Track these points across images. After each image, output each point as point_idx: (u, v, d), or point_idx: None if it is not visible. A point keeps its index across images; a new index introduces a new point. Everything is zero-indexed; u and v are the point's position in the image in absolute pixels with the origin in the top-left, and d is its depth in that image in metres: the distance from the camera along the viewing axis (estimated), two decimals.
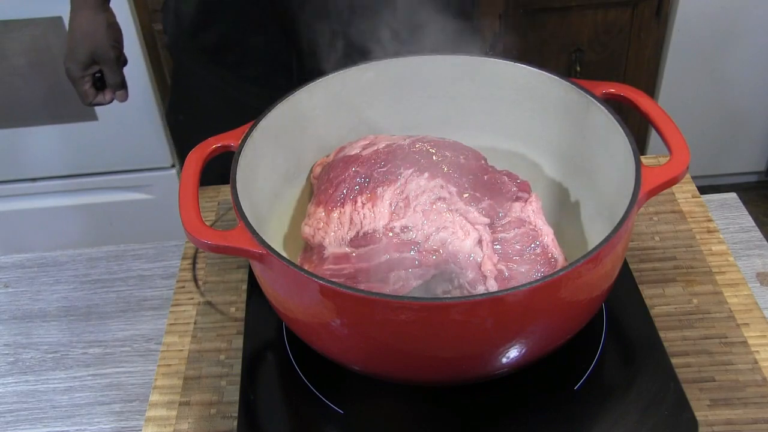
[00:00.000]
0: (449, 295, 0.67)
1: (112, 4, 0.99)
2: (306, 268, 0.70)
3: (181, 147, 1.21)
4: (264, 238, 0.60)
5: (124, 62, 1.01)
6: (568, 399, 0.68)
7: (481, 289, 0.65)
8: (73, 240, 1.95)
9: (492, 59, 0.78)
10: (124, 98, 1.01)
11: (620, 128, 0.68)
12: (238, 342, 0.78)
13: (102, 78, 0.99)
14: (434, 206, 0.67)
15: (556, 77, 0.75)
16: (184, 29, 1.04)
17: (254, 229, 0.60)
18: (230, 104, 1.06)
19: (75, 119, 1.78)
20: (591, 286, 0.61)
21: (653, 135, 1.95)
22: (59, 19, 1.62)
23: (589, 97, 0.72)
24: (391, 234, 0.66)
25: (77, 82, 0.99)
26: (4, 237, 1.97)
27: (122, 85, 1.00)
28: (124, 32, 1.00)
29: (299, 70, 1.01)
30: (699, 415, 0.67)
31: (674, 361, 0.72)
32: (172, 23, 1.06)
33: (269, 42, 0.99)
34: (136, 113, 1.71)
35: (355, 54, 0.82)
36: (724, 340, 0.75)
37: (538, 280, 0.55)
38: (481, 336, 0.58)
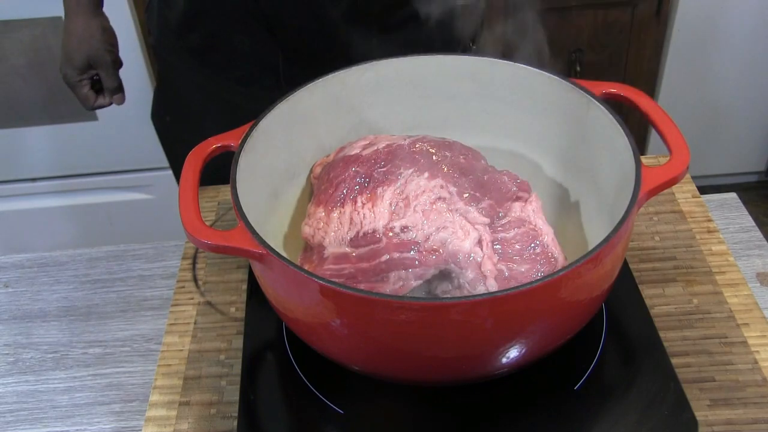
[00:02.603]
0: (449, 295, 0.67)
1: (112, 4, 0.99)
2: (306, 268, 0.70)
3: (168, 148, 1.20)
4: (264, 238, 0.60)
5: (120, 65, 1.01)
6: (568, 399, 0.68)
7: (481, 289, 0.65)
8: (73, 240, 1.95)
9: (492, 59, 0.78)
10: (122, 101, 1.02)
11: (620, 128, 0.68)
12: (238, 342, 0.78)
13: (99, 81, 1.00)
14: (434, 206, 0.67)
15: (556, 77, 0.75)
16: (169, 29, 1.03)
17: (254, 229, 0.60)
18: (217, 104, 1.06)
19: (74, 119, 1.78)
20: (591, 286, 0.61)
21: (653, 135, 1.95)
22: (59, 19, 1.62)
23: (589, 97, 0.72)
24: (391, 234, 0.66)
25: (75, 86, 0.99)
26: (4, 237, 1.97)
27: (119, 88, 1.01)
28: (123, 32, 1.00)
29: (286, 69, 1.01)
30: (699, 415, 0.67)
31: (674, 361, 0.72)
32: (156, 23, 1.06)
33: (255, 42, 0.99)
34: (135, 113, 1.71)
35: (341, 54, 0.82)
36: (724, 340, 0.75)
37: (538, 280, 0.55)
38: (481, 336, 0.58)
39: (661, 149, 0.70)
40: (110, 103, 1.01)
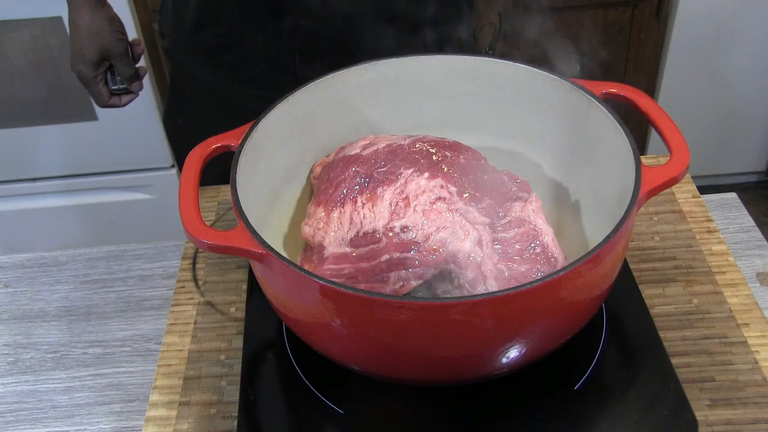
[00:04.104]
0: (449, 295, 0.67)
1: (114, 7, 0.99)
2: (306, 268, 0.70)
3: (179, 151, 1.20)
4: (264, 238, 0.60)
5: (140, 53, 1.00)
6: (568, 399, 0.68)
7: (481, 289, 0.65)
8: (73, 240, 1.95)
9: (492, 59, 0.78)
10: (139, 88, 1.00)
11: (620, 128, 0.68)
12: (238, 342, 0.78)
13: (114, 80, 0.99)
14: (434, 206, 0.67)
15: (556, 77, 0.75)
16: (183, 29, 1.03)
17: (254, 229, 0.60)
18: (229, 108, 1.05)
19: (75, 119, 1.78)
20: (591, 286, 0.61)
21: (653, 135, 1.95)
22: (59, 19, 1.62)
23: (589, 97, 0.72)
24: (391, 234, 0.66)
25: (90, 83, 0.98)
26: (4, 237, 1.97)
27: (136, 75, 1.00)
28: None
29: (302, 70, 1.01)
30: (699, 415, 0.67)
31: (674, 361, 0.72)
32: (170, 25, 1.05)
33: (270, 40, 0.99)
34: (136, 113, 1.71)
35: (353, 53, 0.82)
36: (724, 340, 0.75)
37: (538, 280, 0.55)
38: (481, 336, 0.58)
39: (661, 149, 0.70)
40: (124, 104, 1.01)
